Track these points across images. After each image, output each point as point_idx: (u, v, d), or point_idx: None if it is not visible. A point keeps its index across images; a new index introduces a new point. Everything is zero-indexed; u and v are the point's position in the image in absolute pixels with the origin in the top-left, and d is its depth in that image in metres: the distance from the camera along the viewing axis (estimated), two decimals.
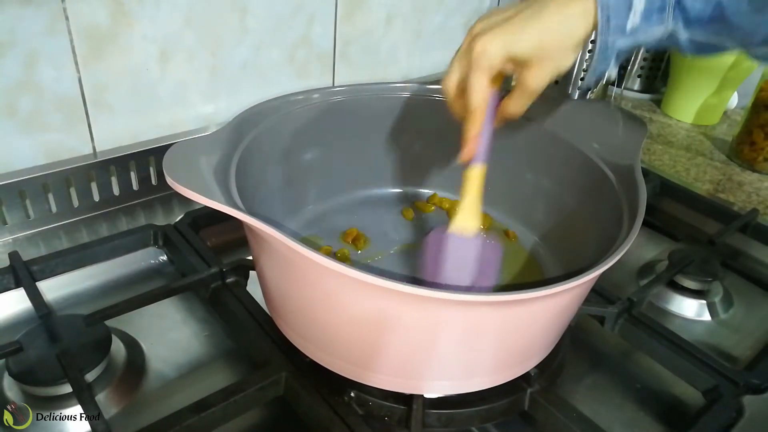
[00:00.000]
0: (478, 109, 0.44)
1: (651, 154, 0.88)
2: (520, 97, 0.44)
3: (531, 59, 0.41)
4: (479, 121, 0.45)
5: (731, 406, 0.46)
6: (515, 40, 0.40)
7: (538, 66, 0.41)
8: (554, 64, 0.41)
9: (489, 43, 0.41)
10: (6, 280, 0.52)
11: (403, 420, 0.43)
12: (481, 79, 0.42)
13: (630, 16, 0.39)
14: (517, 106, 0.45)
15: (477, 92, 0.43)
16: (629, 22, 0.39)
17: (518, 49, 0.41)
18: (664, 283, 0.59)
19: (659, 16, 0.39)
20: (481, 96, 0.43)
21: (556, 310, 0.41)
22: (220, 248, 0.60)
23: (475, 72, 0.42)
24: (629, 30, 0.39)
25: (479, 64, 0.42)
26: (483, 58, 0.41)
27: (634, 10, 0.39)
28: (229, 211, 0.37)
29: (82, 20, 0.57)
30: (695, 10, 0.38)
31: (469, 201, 0.48)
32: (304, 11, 0.73)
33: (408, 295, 0.34)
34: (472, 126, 0.45)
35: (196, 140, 0.44)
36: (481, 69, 0.42)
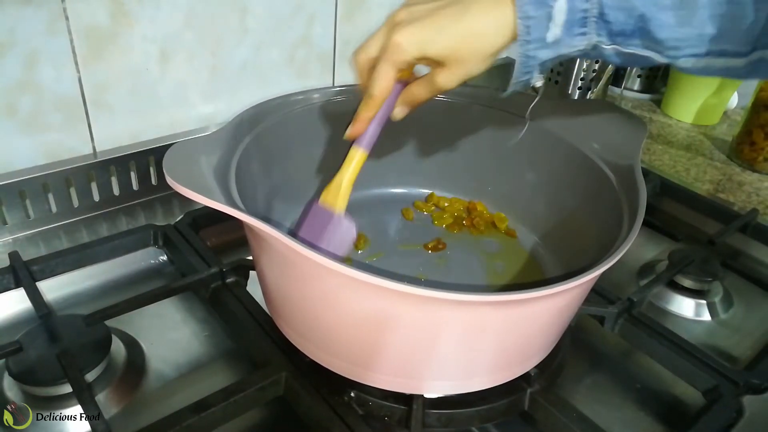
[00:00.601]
0: (377, 97, 0.43)
1: (651, 154, 0.88)
2: (425, 90, 0.44)
3: (444, 61, 0.40)
4: (375, 107, 0.44)
5: (731, 406, 0.46)
6: (432, 40, 0.40)
7: (450, 69, 0.41)
8: (466, 70, 0.41)
9: (406, 39, 0.40)
10: (6, 280, 0.52)
11: (403, 420, 0.43)
12: (389, 71, 0.42)
13: (550, 28, 0.38)
14: (421, 95, 0.44)
15: (381, 81, 0.42)
16: (549, 34, 0.38)
17: (433, 51, 0.40)
18: (664, 283, 0.59)
19: (581, 28, 0.38)
20: (384, 85, 0.42)
21: (556, 310, 0.41)
22: (220, 248, 0.60)
23: (385, 62, 0.42)
24: (550, 41, 0.38)
25: (391, 56, 0.41)
26: (396, 52, 0.41)
27: (554, 22, 0.38)
28: (229, 211, 0.37)
29: (82, 20, 0.57)
30: (618, 23, 0.37)
31: (339, 179, 0.49)
32: (304, 11, 0.73)
33: (408, 294, 0.34)
34: (367, 109, 0.45)
35: (196, 140, 0.44)
36: (391, 62, 0.41)
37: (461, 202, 0.64)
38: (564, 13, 0.37)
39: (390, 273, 0.54)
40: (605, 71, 0.91)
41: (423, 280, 0.53)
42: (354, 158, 0.48)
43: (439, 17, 0.40)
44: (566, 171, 0.56)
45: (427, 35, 0.40)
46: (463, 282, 0.55)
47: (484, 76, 0.42)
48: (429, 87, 0.43)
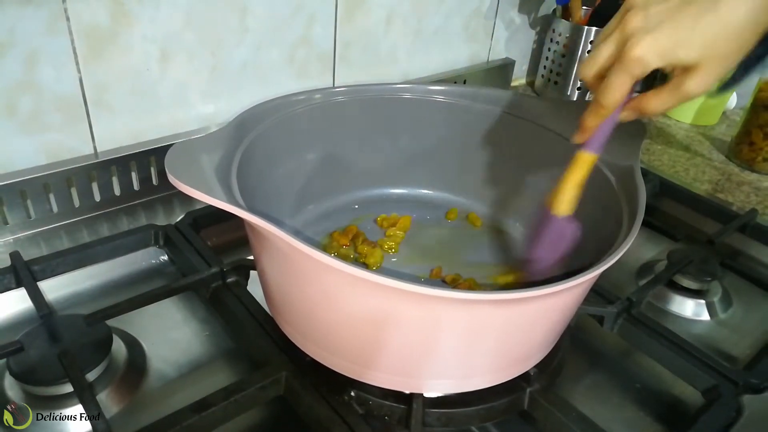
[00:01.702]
0: (608, 107, 0.40)
1: (650, 155, 0.88)
2: (668, 99, 0.39)
3: (696, 65, 0.36)
4: (603, 117, 0.41)
5: (730, 406, 0.46)
6: (683, 42, 0.35)
7: (705, 69, 0.36)
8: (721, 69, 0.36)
9: (648, 50, 0.36)
10: (7, 280, 0.52)
11: (403, 419, 0.43)
12: (625, 84, 0.38)
13: None
14: (662, 107, 0.40)
15: (615, 93, 0.39)
16: None
17: (684, 56, 0.36)
18: (664, 282, 0.59)
19: None
20: (618, 98, 0.39)
21: (556, 309, 0.41)
22: (220, 248, 0.60)
23: (621, 74, 0.38)
24: None
25: (630, 69, 0.37)
26: (637, 66, 0.37)
27: None
28: (231, 209, 0.37)
29: (83, 20, 0.58)
30: None
31: (565, 183, 0.46)
32: (304, 11, 0.73)
33: (408, 293, 0.34)
34: (594, 118, 0.42)
35: (197, 139, 0.44)
36: (629, 74, 0.38)
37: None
38: None
39: (390, 271, 0.55)
40: None
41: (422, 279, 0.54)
42: (580, 160, 0.45)
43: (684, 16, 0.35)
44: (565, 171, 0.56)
45: (672, 41, 0.36)
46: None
47: (484, 76, 0.42)
48: (674, 96, 0.39)
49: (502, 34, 0.99)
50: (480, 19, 0.94)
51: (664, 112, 0.41)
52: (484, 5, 0.93)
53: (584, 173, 0.46)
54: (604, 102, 0.40)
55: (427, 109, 0.61)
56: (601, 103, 0.40)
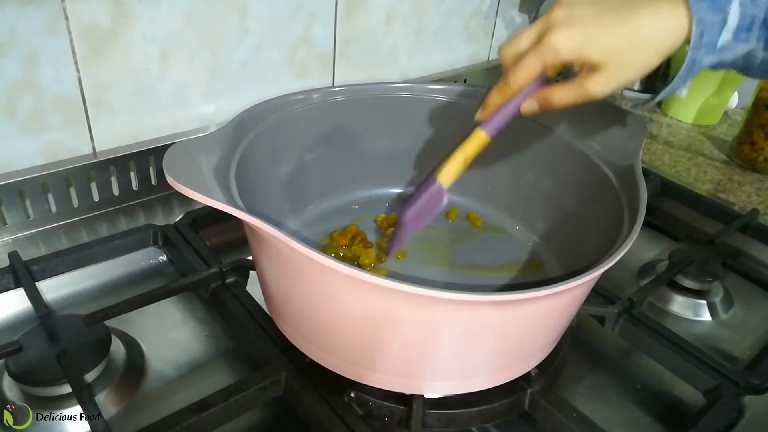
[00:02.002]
0: (513, 87, 0.42)
1: (651, 154, 0.88)
2: (572, 94, 0.41)
3: (602, 65, 0.38)
4: (507, 96, 0.43)
5: (732, 406, 0.46)
6: (594, 41, 0.38)
7: (607, 73, 0.39)
8: (624, 77, 0.39)
9: (562, 41, 0.39)
10: (6, 280, 0.52)
11: (403, 420, 0.43)
12: (535, 67, 0.41)
13: (723, 33, 0.37)
14: (564, 101, 0.42)
15: (524, 74, 0.41)
16: (721, 39, 0.37)
17: (592, 55, 0.38)
18: (665, 283, 0.59)
19: (746, 34, 0.37)
20: (524, 78, 0.41)
21: (557, 310, 0.41)
22: (219, 248, 0.60)
23: (533, 58, 0.40)
24: (719, 47, 0.37)
25: (543, 55, 0.40)
26: (550, 52, 0.39)
27: (727, 27, 0.37)
28: (229, 210, 0.37)
29: (82, 20, 0.57)
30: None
31: (456, 156, 0.48)
32: (304, 11, 0.73)
33: (408, 294, 0.34)
34: (498, 96, 0.44)
35: (196, 140, 0.44)
36: (541, 59, 0.40)
37: None
38: (737, 18, 0.36)
39: (390, 272, 0.54)
40: None
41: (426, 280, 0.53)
42: (475, 139, 0.47)
43: (603, 18, 0.38)
44: (566, 171, 0.56)
45: (587, 38, 0.38)
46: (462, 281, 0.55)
47: (484, 75, 0.42)
48: (576, 92, 0.41)
49: (503, 34, 0.99)
50: (480, 19, 0.94)
51: (564, 107, 0.42)
52: (484, 5, 0.93)
53: (475, 151, 0.48)
54: (511, 81, 0.42)
55: (427, 108, 0.61)
56: (508, 82, 0.43)
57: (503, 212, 0.63)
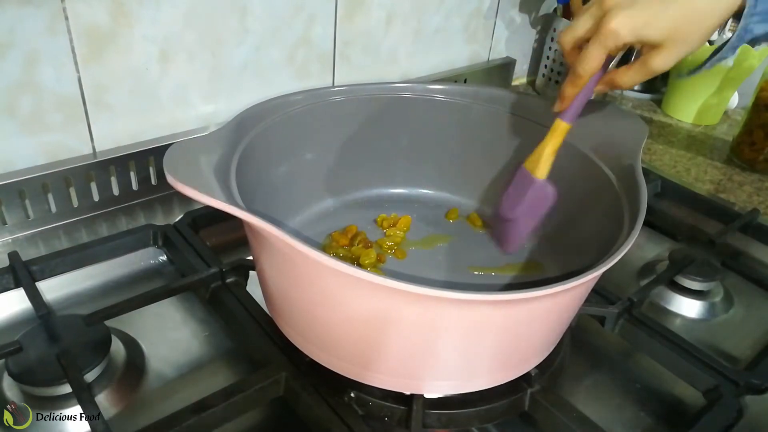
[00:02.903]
0: (585, 76, 0.44)
1: (651, 154, 0.88)
2: (638, 74, 0.44)
3: (662, 43, 0.40)
4: (582, 85, 0.46)
5: (732, 407, 0.46)
6: (652, 22, 0.39)
7: (668, 49, 0.40)
8: (686, 49, 0.40)
9: (622, 25, 0.40)
10: (5, 280, 0.52)
11: (403, 420, 0.43)
12: (601, 53, 0.42)
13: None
14: (631, 81, 0.45)
15: (591, 63, 0.43)
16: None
17: (652, 34, 0.40)
18: (665, 283, 0.59)
19: None
20: (593, 66, 0.43)
21: (557, 310, 0.41)
22: (219, 248, 0.60)
23: (597, 46, 0.42)
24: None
25: (605, 41, 0.41)
26: (611, 37, 0.41)
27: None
28: (230, 210, 0.36)
29: (82, 20, 0.57)
30: None
31: (542, 147, 0.51)
32: (304, 11, 0.73)
33: (408, 294, 0.34)
34: (572, 87, 0.46)
35: (196, 139, 0.44)
36: (604, 46, 0.42)
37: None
38: None
39: (390, 272, 0.54)
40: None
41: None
42: (557, 129, 0.50)
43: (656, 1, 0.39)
44: (567, 171, 0.56)
45: (644, 18, 0.39)
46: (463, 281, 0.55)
47: (484, 76, 0.42)
48: (642, 71, 0.43)
49: (503, 34, 0.99)
50: (480, 19, 0.94)
51: (633, 85, 0.46)
52: (484, 5, 0.93)
53: (559, 140, 0.50)
54: (581, 71, 0.44)
55: (427, 108, 0.61)
56: (578, 72, 0.45)
57: None
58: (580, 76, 0.45)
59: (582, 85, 0.46)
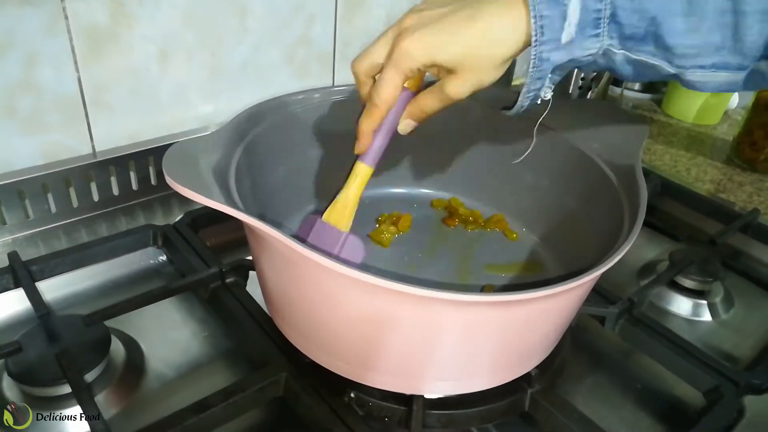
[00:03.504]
0: (381, 106, 0.42)
1: (651, 154, 0.88)
2: (435, 99, 0.42)
3: (454, 68, 0.39)
4: (378, 117, 0.43)
5: (732, 407, 0.46)
6: (443, 46, 0.38)
7: (461, 76, 0.39)
8: (478, 78, 0.39)
9: (415, 45, 0.39)
10: (5, 280, 0.52)
11: (403, 421, 0.43)
12: (395, 78, 0.40)
13: (565, 28, 0.37)
14: (429, 108, 0.43)
15: (386, 89, 0.41)
16: (564, 34, 0.37)
17: (444, 57, 0.39)
18: (665, 283, 0.59)
19: (594, 29, 0.37)
20: (389, 93, 0.41)
21: (557, 310, 0.41)
22: (219, 248, 0.60)
23: (390, 69, 0.40)
24: (564, 42, 0.37)
25: (398, 63, 0.39)
26: (404, 59, 0.39)
27: (568, 22, 0.37)
28: (228, 211, 0.36)
29: (82, 20, 0.57)
30: (630, 25, 0.36)
31: (344, 197, 0.47)
32: (304, 11, 0.73)
33: (408, 295, 0.34)
34: (370, 120, 0.43)
35: (195, 140, 0.44)
36: (398, 69, 0.40)
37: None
38: (578, 13, 0.36)
39: (390, 273, 0.54)
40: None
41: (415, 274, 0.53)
42: (358, 174, 0.47)
43: (450, 22, 0.38)
44: (567, 171, 0.56)
45: (437, 40, 0.38)
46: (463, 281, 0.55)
47: None
48: (439, 97, 0.41)
49: None
50: None
51: (435, 111, 0.43)
52: None
53: (362, 187, 0.47)
54: (376, 100, 0.41)
55: None
56: (374, 101, 0.42)
57: (504, 212, 0.62)
58: (376, 106, 0.42)
59: (380, 117, 0.43)
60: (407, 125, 0.45)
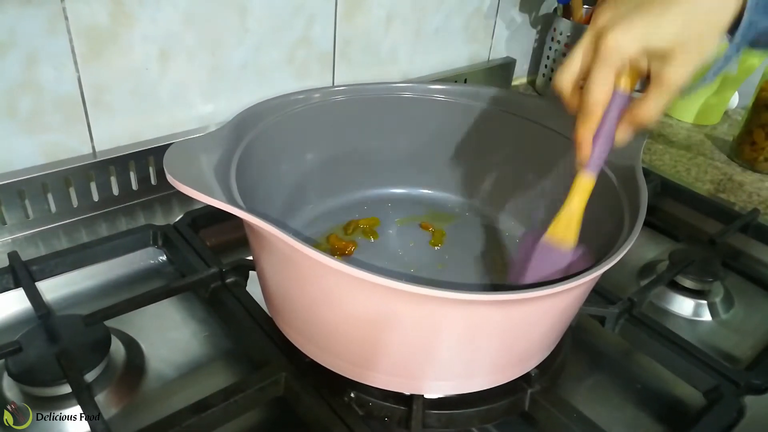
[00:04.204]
0: (596, 108, 0.39)
1: (652, 154, 0.88)
2: (658, 98, 0.38)
3: (672, 50, 0.36)
4: (595, 121, 0.39)
5: (732, 407, 0.46)
6: (655, 28, 0.35)
7: (681, 57, 0.36)
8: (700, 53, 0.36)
9: (623, 36, 0.36)
10: (5, 280, 0.52)
11: (403, 420, 0.43)
12: (608, 75, 0.37)
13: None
14: (654, 109, 0.39)
15: (599, 88, 0.38)
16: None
17: (658, 40, 0.35)
18: (665, 283, 0.59)
19: None
20: (602, 93, 0.38)
21: (557, 310, 0.41)
22: (219, 248, 0.60)
23: (601, 67, 0.37)
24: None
25: (609, 59, 0.37)
26: (615, 52, 0.36)
27: None
28: (230, 209, 0.36)
29: (82, 20, 0.57)
30: None
31: (568, 211, 0.44)
32: (304, 11, 0.73)
33: (408, 293, 0.34)
34: (586, 127, 0.40)
35: (196, 139, 0.44)
36: (609, 64, 0.37)
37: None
38: None
39: (390, 272, 0.54)
40: None
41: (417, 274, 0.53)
42: (582, 186, 0.43)
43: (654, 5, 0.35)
44: (567, 171, 0.56)
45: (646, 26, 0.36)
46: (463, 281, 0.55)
47: (485, 76, 0.41)
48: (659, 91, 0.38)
49: (503, 33, 0.99)
50: (480, 19, 0.94)
51: (658, 113, 0.39)
52: (484, 4, 0.93)
53: (586, 198, 0.44)
54: (590, 102, 0.39)
55: (428, 108, 0.61)
56: (589, 105, 0.39)
57: (505, 212, 0.62)
58: (591, 111, 0.39)
59: (595, 122, 0.39)
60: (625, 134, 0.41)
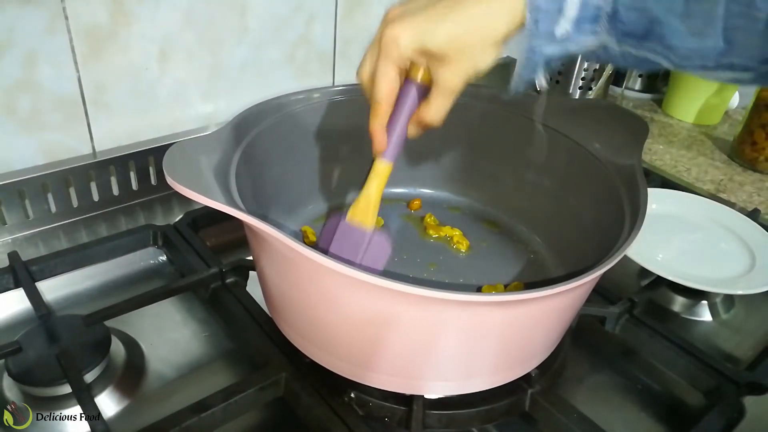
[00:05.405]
0: (382, 101, 0.41)
1: (652, 154, 0.88)
2: (437, 99, 0.40)
3: (446, 55, 0.37)
4: (383, 113, 0.41)
5: (732, 407, 0.46)
6: (431, 31, 0.37)
7: (454, 63, 0.38)
8: (471, 62, 0.38)
9: (401, 32, 0.38)
10: (5, 281, 0.52)
11: (403, 421, 0.43)
12: (389, 70, 0.39)
13: (560, 23, 0.35)
14: (436, 111, 0.41)
15: (381, 83, 0.39)
16: (559, 29, 0.35)
17: (433, 42, 0.37)
18: (665, 283, 0.59)
19: (591, 26, 0.35)
20: (386, 87, 0.40)
21: (558, 310, 0.41)
22: (219, 248, 0.60)
23: (382, 61, 0.39)
24: (559, 37, 0.36)
25: (388, 53, 0.38)
26: (392, 47, 0.38)
27: (565, 17, 0.35)
28: (229, 211, 0.36)
29: (82, 20, 0.57)
30: (630, 23, 0.35)
31: (366, 195, 0.46)
32: (304, 11, 0.73)
33: (408, 294, 0.33)
34: (375, 118, 0.42)
35: (196, 140, 0.44)
36: (388, 58, 0.38)
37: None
38: (576, 8, 0.35)
39: (391, 273, 0.54)
40: (605, 71, 0.91)
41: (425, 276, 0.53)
42: (377, 171, 0.45)
43: (438, 8, 0.37)
44: (567, 171, 0.56)
45: (425, 25, 0.37)
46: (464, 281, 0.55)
47: (484, 75, 0.41)
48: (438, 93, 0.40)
49: None
50: None
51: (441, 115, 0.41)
52: None
53: (382, 184, 0.46)
54: (376, 95, 0.40)
55: None
56: (374, 98, 0.41)
57: (505, 212, 0.62)
58: (377, 102, 0.41)
59: (383, 113, 0.41)
60: (414, 131, 0.43)
